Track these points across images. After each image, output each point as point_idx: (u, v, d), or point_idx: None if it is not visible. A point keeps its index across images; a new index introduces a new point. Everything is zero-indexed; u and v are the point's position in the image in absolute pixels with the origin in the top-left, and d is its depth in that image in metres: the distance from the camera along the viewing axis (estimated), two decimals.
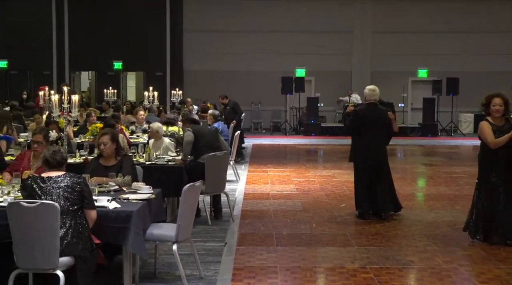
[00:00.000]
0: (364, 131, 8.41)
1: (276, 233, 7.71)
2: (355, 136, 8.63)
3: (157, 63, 25.72)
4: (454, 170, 13.95)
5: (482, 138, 7.14)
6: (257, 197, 10.34)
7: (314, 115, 23.28)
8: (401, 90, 25.13)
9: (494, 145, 7.00)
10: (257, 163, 14.73)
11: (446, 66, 25.18)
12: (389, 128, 8.53)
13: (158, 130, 9.35)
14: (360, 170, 8.56)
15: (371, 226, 8.09)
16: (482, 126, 7.13)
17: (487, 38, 25.48)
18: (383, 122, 8.45)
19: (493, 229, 7.10)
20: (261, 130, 25.37)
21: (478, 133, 7.21)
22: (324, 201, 9.99)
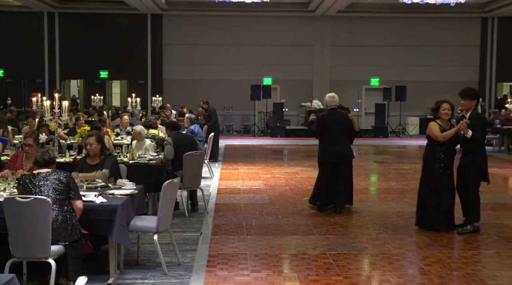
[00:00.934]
0: (327, 133, 8.43)
1: (246, 224, 7.70)
2: (320, 138, 8.61)
3: (140, 73, 25.53)
4: (402, 167, 14.09)
5: (431, 135, 7.19)
6: (229, 192, 10.32)
7: (279, 119, 23.33)
8: (356, 96, 25.33)
9: (443, 138, 7.11)
10: (229, 162, 14.70)
11: (395, 76, 25.46)
12: (350, 129, 8.54)
13: (141, 132, 9.29)
14: (324, 168, 8.56)
15: (330, 217, 8.12)
16: (432, 126, 7.23)
17: (431, 51, 25.84)
18: (343, 124, 8.47)
19: (441, 219, 7.15)
20: (233, 132, 25.34)
21: (427, 132, 7.26)
22: (288, 195, 10.01)
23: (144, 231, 5.68)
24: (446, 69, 25.77)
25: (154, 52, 25.56)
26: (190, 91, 24.85)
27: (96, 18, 25.14)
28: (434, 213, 7.21)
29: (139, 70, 25.50)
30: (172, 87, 25.47)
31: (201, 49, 25.45)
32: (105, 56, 25.20)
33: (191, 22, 25.37)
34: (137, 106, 18.88)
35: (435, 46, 25.79)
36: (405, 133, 24.66)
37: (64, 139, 10.66)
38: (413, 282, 5.33)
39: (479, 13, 25.45)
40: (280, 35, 25.52)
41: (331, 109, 8.55)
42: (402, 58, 25.84)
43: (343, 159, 8.46)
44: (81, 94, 27.53)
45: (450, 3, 21.13)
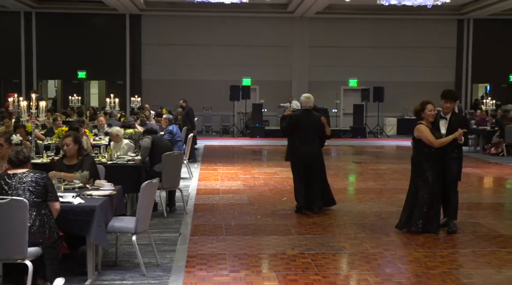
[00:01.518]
0: (298, 133, 8.41)
1: (225, 224, 7.70)
2: (290, 137, 8.61)
3: (118, 73, 25.37)
4: (380, 167, 14.20)
5: (423, 139, 7.11)
6: (208, 192, 10.30)
7: (258, 119, 23.36)
8: (335, 97, 25.47)
9: (439, 145, 7.07)
10: (208, 162, 14.68)
11: (373, 77, 25.65)
12: (322, 132, 8.55)
13: (118, 133, 9.23)
14: (295, 168, 8.53)
15: (309, 217, 8.15)
16: (423, 129, 7.15)
17: (409, 52, 26.10)
18: (315, 126, 8.45)
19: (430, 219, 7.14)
20: (212, 133, 25.30)
21: (417, 135, 7.16)
22: (267, 195, 10.03)
23: (122, 232, 5.65)
24: (423, 70, 26.03)
25: (132, 53, 25.42)
26: (169, 92, 24.76)
27: (74, 18, 24.90)
28: (424, 213, 7.12)
29: (117, 71, 25.34)
30: (151, 87, 25.34)
31: (180, 50, 25.38)
32: (83, 56, 24.98)
33: (170, 22, 25.29)
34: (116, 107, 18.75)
35: (412, 48, 26.05)
36: (383, 133, 24.85)
37: (41, 140, 10.55)
38: (390, 281, 5.38)
39: (456, 15, 25.77)
40: (259, 36, 25.55)
41: (305, 110, 8.55)
42: (380, 59, 26.05)
43: (314, 159, 8.43)
44: (59, 95, 27.24)
45: (427, 5, 21.34)
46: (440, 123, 7.27)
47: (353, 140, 22.76)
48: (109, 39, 25.13)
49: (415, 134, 7.22)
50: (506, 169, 13.88)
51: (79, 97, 22.57)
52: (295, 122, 8.44)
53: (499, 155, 16.75)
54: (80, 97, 22.87)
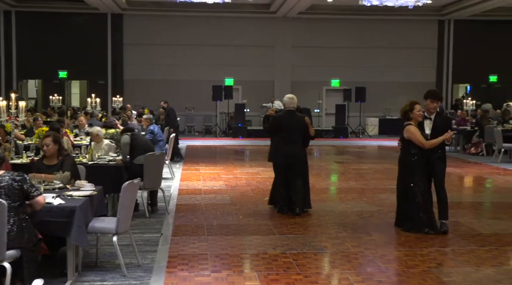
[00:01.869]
0: (282, 134, 8.39)
1: (207, 224, 7.69)
2: (273, 138, 8.60)
3: (100, 73, 25.20)
4: (362, 167, 14.28)
5: (414, 140, 7.10)
6: (190, 192, 10.28)
7: (241, 119, 23.36)
8: (317, 97, 25.56)
9: (430, 146, 7.08)
10: (190, 162, 14.65)
11: (355, 77, 25.79)
12: (305, 133, 8.54)
13: (98, 133, 9.18)
14: (277, 168, 8.51)
15: (290, 217, 8.16)
16: (413, 130, 7.14)
17: (390, 52, 26.28)
18: (299, 127, 8.43)
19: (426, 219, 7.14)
20: (194, 133, 25.25)
21: (408, 136, 7.13)
22: (250, 195, 10.04)
23: (103, 233, 5.62)
24: (404, 70, 26.24)
25: (114, 52, 25.27)
26: (152, 92, 24.66)
27: (55, 17, 24.70)
28: (418, 213, 7.14)
29: (99, 70, 25.17)
30: (133, 87, 25.22)
31: (162, 50, 25.29)
32: (64, 55, 24.78)
33: (152, 22, 25.19)
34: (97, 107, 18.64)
35: (393, 48, 26.23)
36: (364, 133, 25.00)
37: (21, 140, 10.45)
38: (371, 280, 5.41)
39: (436, 15, 26.00)
40: (241, 36, 25.56)
41: (288, 110, 8.55)
42: (362, 60, 26.19)
43: (296, 160, 8.41)
44: (39, 95, 27.01)
45: (408, 5, 21.52)
46: (425, 124, 7.29)
47: (335, 140, 22.86)
48: (91, 39, 24.96)
49: (404, 135, 7.17)
50: (486, 169, 14.05)
51: (60, 97, 22.40)
52: (278, 122, 8.43)
53: (479, 154, 16.94)
54: (61, 97, 22.69)
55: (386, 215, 8.34)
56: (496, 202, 9.90)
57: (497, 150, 15.35)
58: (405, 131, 7.19)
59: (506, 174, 13.23)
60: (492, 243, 6.81)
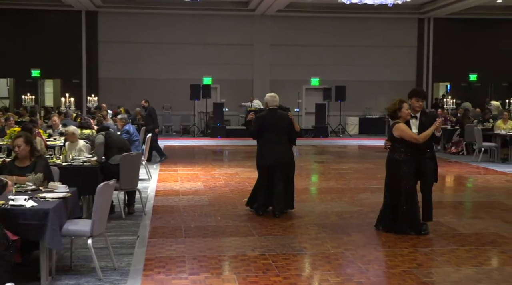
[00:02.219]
0: (266, 134, 8.37)
1: (184, 226, 7.67)
2: (258, 140, 8.49)
3: (74, 71, 24.96)
4: (342, 167, 14.36)
5: (405, 137, 7.07)
6: (168, 193, 10.25)
7: (219, 119, 23.34)
8: (297, 96, 25.63)
9: (423, 138, 7.08)
10: (167, 163, 14.59)
11: (335, 76, 25.91)
12: (291, 130, 8.52)
13: (74, 132, 9.11)
14: (261, 170, 8.46)
15: (270, 218, 8.17)
16: (403, 127, 7.13)
17: (370, 51, 26.45)
18: (283, 125, 8.43)
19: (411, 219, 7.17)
20: (172, 133, 25.17)
21: (399, 134, 7.09)
22: (228, 196, 10.03)
23: (77, 235, 5.57)
24: (384, 69, 26.44)
25: (89, 50, 25.05)
26: (128, 91, 24.52)
27: (27, 14, 24.40)
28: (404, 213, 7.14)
29: (73, 69, 24.94)
30: (108, 86, 25.04)
31: (138, 48, 25.15)
32: (37, 54, 24.50)
33: (128, 19, 25.04)
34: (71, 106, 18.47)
35: (373, 47, 26.42)
36: (345, 133, 25.13)
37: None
38: (351, 281, 5.45)
39: (416, 14, 26.25)
40: (219, 34, 25.52)
41: (271, 109, 8.54)
42: (342, 58, 26.33)
43: (281, 161, 8.41)
44: (11, 94, 26.66)
45: (388, 4, 21.69)
46: (411, 123, 7.33)
47: (315, 139, 22.95)
48: (64, 36, 24.71)
49: (395, 133, 7.10)
50: (466, 168, 14.22)
51: (33, 97, 22.15)
52: (261, 122, 8.39)
53: (459, 154, 17.15)
54: (34, 96, 22.44)
55: (366, 215, 8.39)
56: (476, 201, 10.02)
57: (477, 149, 15.55)
58: (395, 130, 7.14)
59: (486, 173, 13.41)
60: (472, 243, 6.90)
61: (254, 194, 8.62)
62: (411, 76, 26.85)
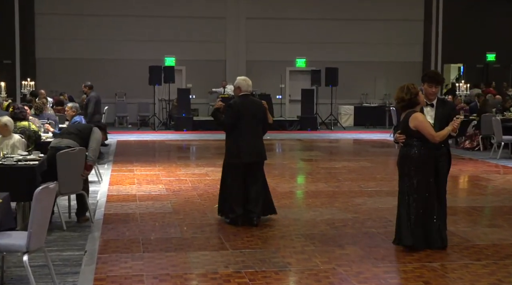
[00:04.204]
0: (241, 125, 8.35)
1: (143, 238, 7.66)
2: (231, 133, 8.47)
3: (5, 50, 24.65)
4: (334, 166, 14.43)
5: (424, 132, 7.03)
6: (122, 199, 10.22)
7: (185, 108, 23.29)
8: (279, 80, 25.64)
9: (440, 138, 7.07)
10: (122, 162, 14.54)
11: (325, 55, 25.98)
12: (265, 121, 8.59)
13: (7, 123, 8.99)
14: (235, 169, 8.43)
15: (246, 228, 8.18)
16: (422, 119, 7.08)
17: (367, 27, 26.55)
18: (259, 115, 8.46)
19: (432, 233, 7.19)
20: (127, 125, 25.04)
21: (416, 125, 7.04)
22: (196, 201, 10.03)
23: (10, 251, 5.54)
24: (384, 47, 26.56)
25: (23, 25, 24.76)
26: (71, 74, 24.26)
27: None
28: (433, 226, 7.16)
29: (4, 48, 24.61)
30: (47, 68, 24.82)
31: (85, 22, 24.95)
32: None
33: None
34: (2, 93, 18.28)
35: (371, 21, 26.52)
36: (337, 124, 25.24)
37: None
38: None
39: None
40: (185, 6, 25.46)
41: (245, 96, 8.55)
42: (333, 34, 26.39)
43: (260, 158, 8.48)
44: None
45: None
46: (425, 111, 7.35)
47: (301, 132, 23.02)
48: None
49: (411, 124, 7.03)
50: (482, 166, 14.38)
51: None
52: (236, 111, 8.40)
53: (475, 149, 17.30)
54: None
55: (362, 224, 8.46)
56: (494, 206, 10.14)
57: (496, 144, 15.71)
58: (412, 120, 7.05)
59: (506, 172, 13.59)
60: (490, 256, 6.99)
61: (225, 201, 8.58)
62: (417, 56, 27.06)
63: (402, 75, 25.51)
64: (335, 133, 23.29)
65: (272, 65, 25.88)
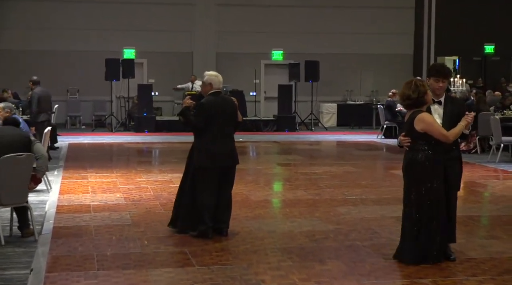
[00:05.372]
0: (213, 126, 8.35)
1: (98, 254, 7.61)
2: (202, 134, 8.44)
3: None
4: (314, 171, 14.47)
5: (435, 133, 7.02)
6: (74, 210, 10.14)
7: (147, 107, 23.21)
8: (253, 75, 25.65)
9: (454, 137, 7.06)
10: (74, 167, 14.45)
11: (305, 47, 26.06)
12: (236, 120, 8.65)
13: None
14: (207, 175, 8.40)
15: (216, 241, 8.17)
16: (430, 120, 7.07)
17: (352, 15, 26.71)
18: (231, 113, 8.52)
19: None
20: (80, 126, 24.92)
21: (424, 128, 7.03)
22: (159, 212, 9.99)
23: None
24: (371, 38, 26.68)
25: None
26: (15, 68, 24.11)
27: None
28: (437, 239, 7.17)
29: None
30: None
31: (34, 7, 24.77)
32: None
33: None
34: None
35: (356, 8, 26.67)
36: (318, 125, 25.31)
37: None
38: None
39: None
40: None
41: (216, 93, 8.56)
42: (314, 24, 26.47)
43: (234, 162, 8.55)
44: None
45: None
46: (432, 109, 7.38)
47: (278, 134, 23.06)
48: None
49: (418, 127, 7.00)
50: (479, 171, 14.49)
51: None
52: (208, 111, 8.36)
53: (471, 152, 17.44)
54: None
55: (346, 236, 8.48)
56: (492, 216, 10.23)
57: (495, 145, 15.84)
58: (418, 121, 7.01)
59: (506, 178, 13.72)
60: (487, 271, 7.04)
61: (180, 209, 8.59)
62: (407, 48, 27.24)
63: (390, 69, 25.79)
64: (316, 134, 23.36)
65: (245, 58, 25.90)
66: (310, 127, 24.68)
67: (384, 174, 14.77)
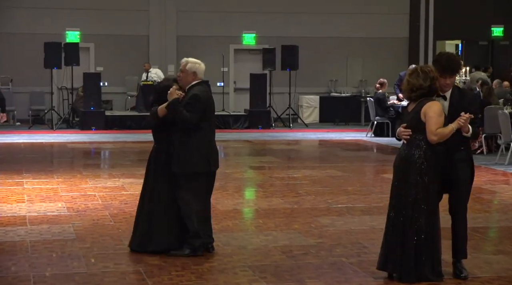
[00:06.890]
0: (205, 122, 8.38)
1: (35, 275, 7.57)
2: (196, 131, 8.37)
3: None
4: (293, 175, 14.51)
5: (429, 123, 7.04)
6: (6, 222, 10.08)
7: (94, 100, 23.12)
8: (220, 62, 25.62)
9: (439, 137, 7.00)
10: (6, 172, 14.37)
11: (281, 30, 26.10)
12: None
13: None
14: (202, 181, 8.41)
15: (176, 259, 8.16)
16: (438, 109, 7.07)
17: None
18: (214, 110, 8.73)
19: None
20: (14, 123, 24.77)
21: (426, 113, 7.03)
22: (108, 224, 9.97)
23: None
24: (360, 20, 26.79)
25: None
26: None
27: None
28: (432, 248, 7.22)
29: None
30: None
31: None
32: None
33: None
34: None
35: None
36: (297, 121, 25.36)
37: None
38: None
39: None
40: None
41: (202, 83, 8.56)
42: (293, 3, 26.52)
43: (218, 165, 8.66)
44: None
45: None
46: None
47: (250, 131, 23.13)
48: None
49: (424, 116, 7.04)
50: (486, 175, 14.57)
51: None
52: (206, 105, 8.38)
53: (476, 152, 17.52)
54: None
55: (329, 252, 8.50)
56: (501, 227, 10.32)
57: (504, 145, 15.92)
58: (426, 108, 7.03)
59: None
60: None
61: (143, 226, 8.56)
62: (402, 31, 27.38)
63: (382, 55, 25.95)
64: (295, 132, 23.43)
65: (211, 42, 25.91)
66: (288, 124, 24.71)
67: (374, 179, 14.83)
